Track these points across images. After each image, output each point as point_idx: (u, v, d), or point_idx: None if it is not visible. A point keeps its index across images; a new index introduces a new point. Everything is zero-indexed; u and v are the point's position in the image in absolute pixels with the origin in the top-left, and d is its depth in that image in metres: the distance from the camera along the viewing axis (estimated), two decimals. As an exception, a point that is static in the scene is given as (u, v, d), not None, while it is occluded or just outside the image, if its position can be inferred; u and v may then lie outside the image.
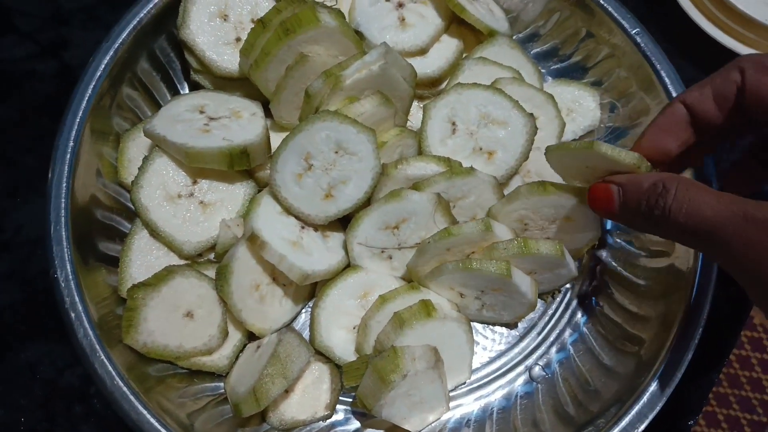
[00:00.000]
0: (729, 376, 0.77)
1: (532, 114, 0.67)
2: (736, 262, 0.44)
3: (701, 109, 0.51)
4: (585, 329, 0.69)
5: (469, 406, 0.67)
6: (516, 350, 0.69)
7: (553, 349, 0.69)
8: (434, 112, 0.68)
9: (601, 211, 0.54)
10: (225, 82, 0.71)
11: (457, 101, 0.68)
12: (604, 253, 0.72)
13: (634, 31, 0.72)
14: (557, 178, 0.70)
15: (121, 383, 0.58)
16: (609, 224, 0.73)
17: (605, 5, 0.73)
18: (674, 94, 0.70)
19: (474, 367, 0.69)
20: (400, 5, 0.73)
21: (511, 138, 0.67)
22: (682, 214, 0.45)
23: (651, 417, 0.59)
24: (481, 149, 0.68)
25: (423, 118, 0.68)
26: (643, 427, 0.59)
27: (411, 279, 0.67)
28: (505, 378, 0.68)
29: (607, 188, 0.52)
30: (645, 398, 0.59)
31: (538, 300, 0.69)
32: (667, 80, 0.70)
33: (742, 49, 0.80)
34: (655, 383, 0.60)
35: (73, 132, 0.64)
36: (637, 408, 0.59)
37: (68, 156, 0.64)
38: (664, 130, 0.53)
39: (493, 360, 0.69)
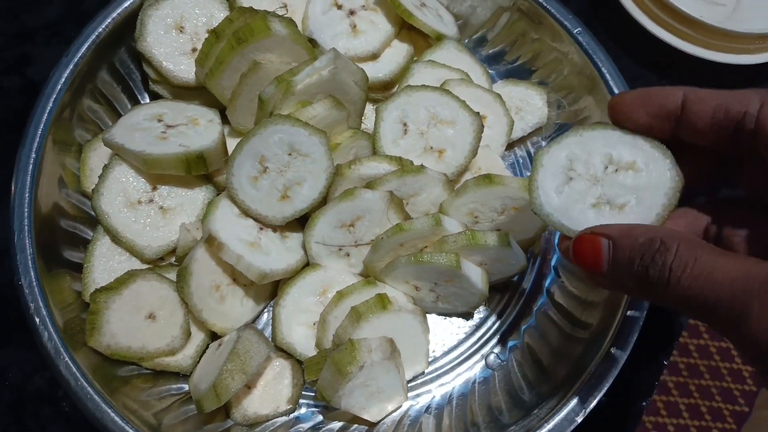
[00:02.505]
0: (689, 366, 0.80)
1: (478, 113, 0.70)
2: (754, 341, 0.36)
3: (697, 113, 0.43)
4: (537, 317, 0.72)
5: (429, 394, 0.69)
6: (472, 339, 0.72)
7: (508, 337, 0.72)
8: (386, 114, 0.70)
9: (586, 268, 0.45)
10: (183, 92, 0.73)
11: (407, 103, 0.70)
12: (554, 243, 0.75)
13: (575, 31, 0.76)
14: (506, 174, 0.73)
15: (85, 384, 0.59)
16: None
17: (549, 8, 0.77)
18: (616, 91, 0.73)
19: (433, 357, 0.71)
20: (352, 13, 0.76)
21: (459, 136, 0.70)
22: (685, 277, 0.38)
23: (599, 397, 0.61)
24: (431, 148, 0.70)
25: (375, 119, 0.70)
26: (591, 405, 0.61)
27: (368, 275, 0.69)
28: (464, 366, 0.71)
29: (595, 240, 0.43)
30: (593, 379, 0.62)
31: (492, 290, 0.72)
32: (608, 77, 0.74)
33: (681, 44, 0.84)
34: (602, 365, 0.62)
35: (35, 144, 0.67)
36: (585, 388, 0.62)
37: (30, 167, 0.66)
38: (647, 96, 0.46)
39: (451, 350, 0.72)
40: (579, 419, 0.60)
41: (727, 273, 0.37)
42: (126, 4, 0.73)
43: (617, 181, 0.49)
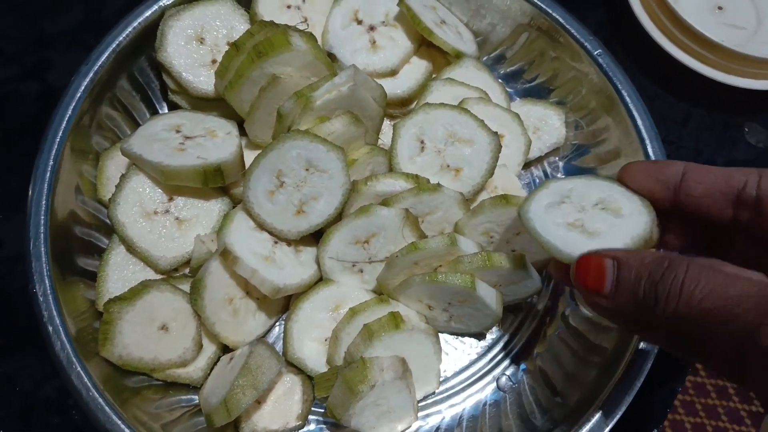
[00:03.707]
0: (695, 385, 0.79)
1: (496, 132, 0.70)
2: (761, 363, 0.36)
3: (695, 186, 0.46)
4: (551, 340, 0.71)
5: (439, 415, 0.69)
6: (484, 360, 0.72)
7: (520, 359, 0.71)
8: (403, 131, 0.70)
9: (587, 291, 0.45)
10: (202, 103, 0.73)
11: (425, 120, 0.70)
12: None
13: (596, 53, 0.75)
14: (522, 194, 0.72)
15: (96, 394, 0.59)
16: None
17: (569, 28, 0.77)
18: (635, 113, 0.73)
19: (444, 377, 0.71)
20: (372, 28, 0.76)
21: (476, 155, 0.69)
22: (699, 289, 0.37)
23: (612, 424, 0.61)
24: (448, 166, 0.70)
25: (393, 136, 0.70)
26: (604, 433, 0.60)
27: (381, 292, 0.69)
28: (474, 387, 0.70)
29: (599, 261, 0.44)
30: (606, 405, 0.61)
31: (506, 311, 0.71)
32: (628, 100, 0.73)
33: (700, 67, 0.83)
34: (616, 391, 0.62)
35: (53, 151, 0.66)
36: (598, 415, 0.61)
37: (48, 174, 0.66)
38: (648, 166, 0.50)
39: (462, 370, 0.71)
40: (591, 446, 0.59)
41: (743, 288, 0.37)
42: (147, 14, 0.73)
43: (599, 215, 0.53)
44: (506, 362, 0.71)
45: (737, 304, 0.36)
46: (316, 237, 0.69)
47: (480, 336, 0.72)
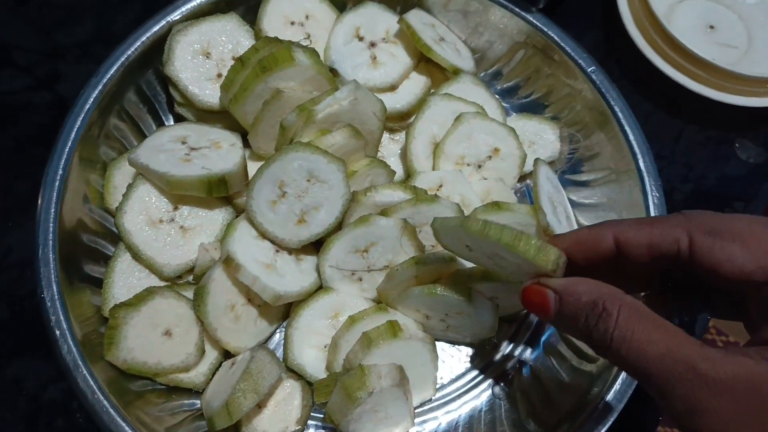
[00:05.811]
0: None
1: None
2: (677, 417, 0.39)
3: (631, 253, 0.46)
4: (544, 348, 0.73)
5: (435, 421, 0.71)
6: (480, 368, 0.73)
7: (515, 367, 0.73)
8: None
9: (536, 313, 0.48)
10: (207, 115, 0.75)
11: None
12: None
13: (589, 70, 0.78)
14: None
15: (101, 397, 0.61)
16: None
17: (564, 46, 0.79)
18: (627, 129, 0.75)
19: (440, 384, 0.72)
20: (372, 45, 0.78)
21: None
22: (624, 347, 0.40)
23: (604, 430, 0.62)
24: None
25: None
26: (596, 439, 0.62)
27: (380, 300, 0.71)
28: (470, 394, 0.72)
29: (543, 293, 0.46)
30: (598, 412, 0.63)
31: (501, 321, 0.73)
32: (620, 115, 0.75)
33: (693, 85, 0.86)
34: (608, 397, 0.63)
35: (63, 160, 0.69)
36: (590, 422, 0.63)
37: (57, 182, 0.68)
38: (581, 244, 0.49)
39: (458, 377, 0.73)
40: (583, 452, 0.61)
41: (658, 350, 0.39)
42: (155, 29, 0.75)
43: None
44: (501, 370, 0.73)
45: (652, 366, 0.39)
46: (316, 246, 0.71)
47: (475, 344, 0.74)
